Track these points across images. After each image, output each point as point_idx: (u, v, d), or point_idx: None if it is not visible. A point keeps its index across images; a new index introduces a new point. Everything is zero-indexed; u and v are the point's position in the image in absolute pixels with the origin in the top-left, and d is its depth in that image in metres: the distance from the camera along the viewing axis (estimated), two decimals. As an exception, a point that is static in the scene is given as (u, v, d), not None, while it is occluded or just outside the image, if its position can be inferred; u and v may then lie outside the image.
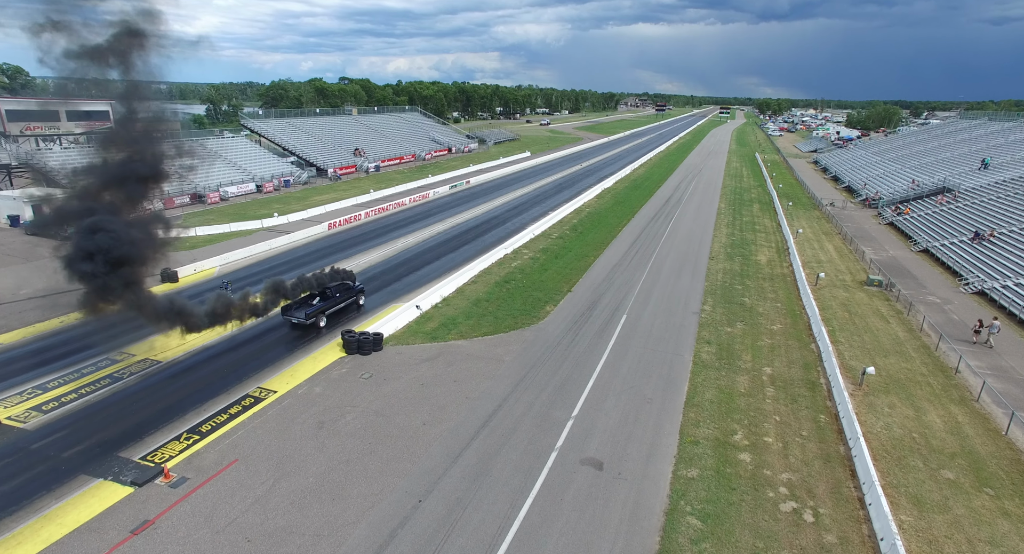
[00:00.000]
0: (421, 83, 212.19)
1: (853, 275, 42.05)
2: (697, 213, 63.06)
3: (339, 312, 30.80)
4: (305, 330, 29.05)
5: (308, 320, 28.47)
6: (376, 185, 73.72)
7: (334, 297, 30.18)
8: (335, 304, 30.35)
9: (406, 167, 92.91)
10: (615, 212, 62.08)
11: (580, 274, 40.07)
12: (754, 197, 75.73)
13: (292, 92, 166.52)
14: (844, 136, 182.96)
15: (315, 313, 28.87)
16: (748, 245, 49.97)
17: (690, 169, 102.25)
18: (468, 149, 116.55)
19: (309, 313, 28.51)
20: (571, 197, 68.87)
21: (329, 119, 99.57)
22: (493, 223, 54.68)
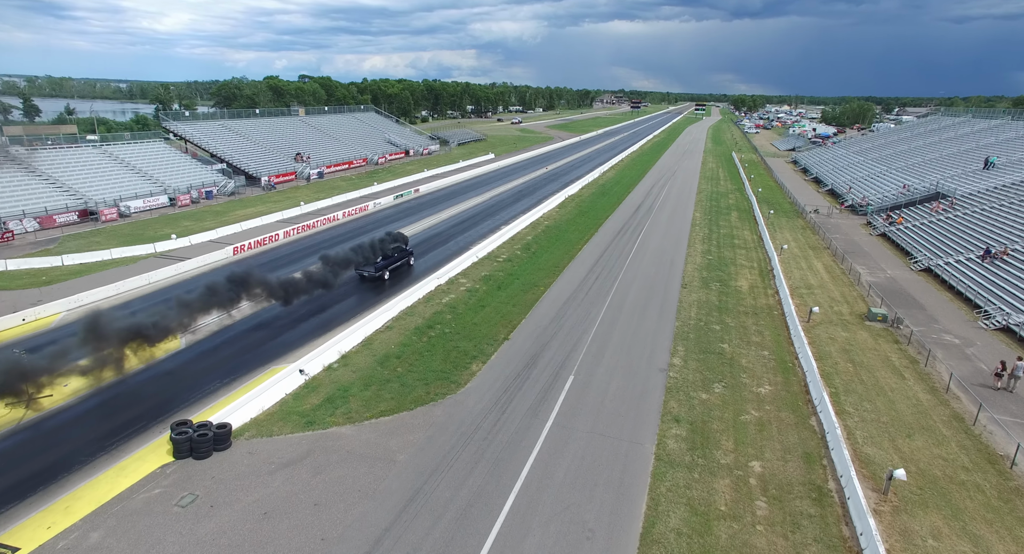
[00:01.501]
0: (387, 81, 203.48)
1: (851, 305, 35.36)
2: (669, 225, 56.19)
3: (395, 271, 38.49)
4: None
5: (377, 273, 36.33)
6: (313, 195, 65.66)
7: (393, 257, 38.08)
8: (394, 262, 38.18)
9: (355, 173, 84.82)
10: (577, 225, 54.91)
11: (524, 312, 32.75)
12: (732, 204, 69.22)
13: (246, 91, 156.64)
14: (821, 133, 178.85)
15: (382, 268, 36.76)
16: (726, 265, 43.13)
17: (664, 171, 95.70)
18: (428, 151, 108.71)
19: (378, 267, 36.44)
20: (530, 207, 61.60)
21: (272, 121, 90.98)
22: (433, 243, 47.14)
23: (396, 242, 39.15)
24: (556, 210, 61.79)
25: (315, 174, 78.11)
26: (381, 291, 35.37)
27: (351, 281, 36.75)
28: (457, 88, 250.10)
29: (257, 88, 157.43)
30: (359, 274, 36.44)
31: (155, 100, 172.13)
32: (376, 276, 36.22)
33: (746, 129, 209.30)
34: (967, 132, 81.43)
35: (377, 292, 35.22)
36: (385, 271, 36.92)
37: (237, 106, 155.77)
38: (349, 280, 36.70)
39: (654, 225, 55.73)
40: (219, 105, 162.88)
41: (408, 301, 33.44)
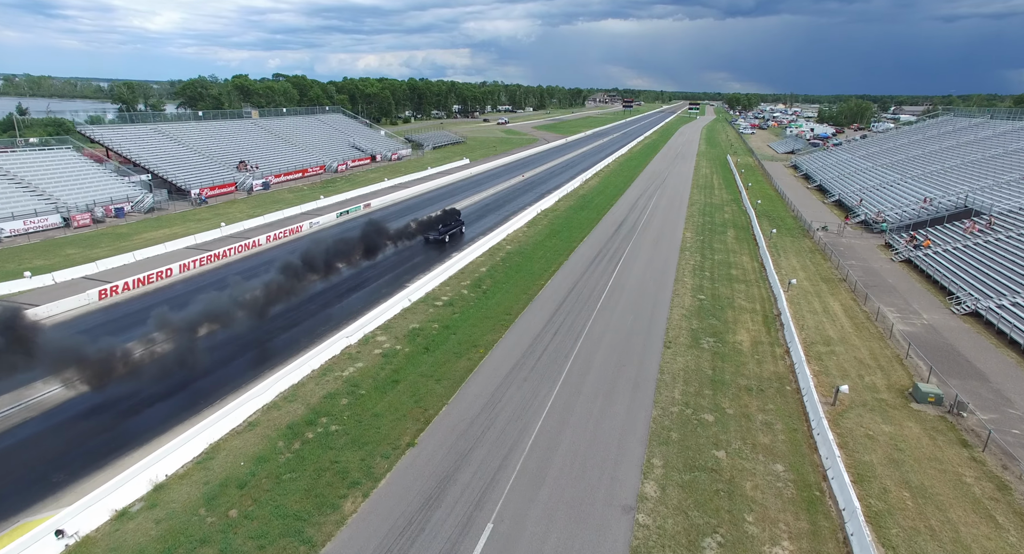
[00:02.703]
0: (366, 80, 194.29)
1: (887, 373, 26.80)
2: (655, 249, 47.56)
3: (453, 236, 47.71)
4: None
5: (440, 236, 46.32)
6: (246, 212, 56.84)
7: (450, 224, 48.19)
8: (452, 229, 47.97)
9: (307, 183, 75.92)
10: (545, 250, 46.23)
11: (450, 391, 24.12)
12: (728, 219, 60.64)
13: (211, 91, 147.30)
14: (820, 134, 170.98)
15: (444, 233, 46.62)
16: (722, 309, 34.53)
17: (653, 178, 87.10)
18: (397, 157, 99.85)
19: (441, 231, 46.59)
20: (495, 225, 52.93)
21: (218, 124, 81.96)
22: (362, 279, 38.36)
23: (452, 216, 49.65)
24: (524, 229, 53.07)
25: (259, 185, 69.21)
26: (262, 363, 26.59)
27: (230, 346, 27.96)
28: (443, 87, 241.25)
29: (223, 88, 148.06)
30: (425, 238, 46.54)
31: (118, 99, 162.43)
32: (439, 239, 46.48)
33: (741, 129, 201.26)
34: (988, 135, 73.12)
35: (256, 365, 26.43)
36: (445, 235, 47.03)
37: (203, 107, 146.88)
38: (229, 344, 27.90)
39: (637, 250, 47.08)
40: (184, 106, 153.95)
41: (295, 375, 24.72)
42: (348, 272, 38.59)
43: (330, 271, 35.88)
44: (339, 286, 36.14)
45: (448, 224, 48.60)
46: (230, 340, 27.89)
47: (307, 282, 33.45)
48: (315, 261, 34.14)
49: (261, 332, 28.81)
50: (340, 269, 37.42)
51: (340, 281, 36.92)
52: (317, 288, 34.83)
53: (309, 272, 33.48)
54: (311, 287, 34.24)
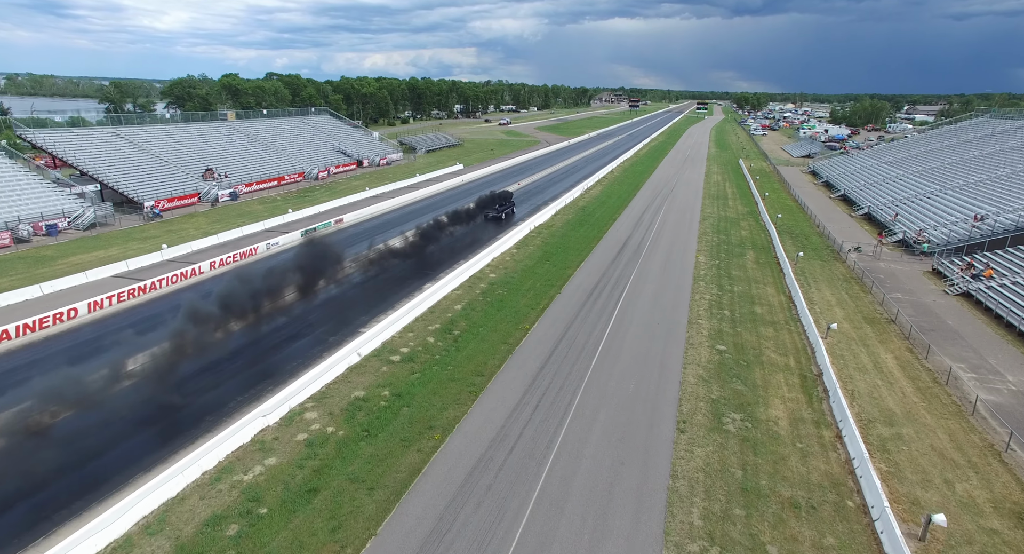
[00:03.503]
0: (363, 79, 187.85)
1: (986, 480, 19.91)
2: (663, 278, 40.67)
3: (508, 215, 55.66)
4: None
5: (500, 214, 54.01)
6: (202, 229, 50.39)
7: (505, 205, 55.67)
8: (507, 208, 55.79)
9: (282, 192, 69.42)
10: (535, 280, 39.45)
11: (379, 516, 17.48)
12: (746, 237, 53.62)
13: (199, 90, 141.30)
14: (835, 136, 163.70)
15: (500, 211, 54.22)
16: (748, 366, 27.66)
17: (660, 186, 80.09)
18: (385, 162, 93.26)
19: (499, 210, 54.16)
20: (480, 246, 46.16)
21: (188, 127, 75.54)
22: (304, 323, 31.63)
23: (506, 197, 56.85)
24: (514, 251, 46.29)
25: (226, 195, 62.72)
26: (123, 470, 19.89)
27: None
28: (443, 86, 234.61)
29: (211, 87, 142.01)
30: (485, 215, 53.22)
31: (105, 99, 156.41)
32: (497, 216, 53.51)
33: (752, 131, 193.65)
34: (1034, 140, 65.73)
35: (112, 475, 19.74)
36: (502, 213, 54.16)
37: (191, 107, 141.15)
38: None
39: (642, 279, 40.20)
40: (172, 106, 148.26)
41: (172, 486, 18.03)
42: (290, 312, 31.86)
43: (260, 315, 29.20)
44: (271, 336, 29.38)
45: (503, 204, 56.06)
46: (94, 429, 21.16)
47: (224, 332, 26.79)
48: (238, 303, 27.50)
49: (140, 415, 22.00)
50: (277, 310, 30.75)
51: (275, 328, 30.16)
52: (239, 340, 28.08)
53: (228, 318, 26.84)
54: (230, 339, 27.50)
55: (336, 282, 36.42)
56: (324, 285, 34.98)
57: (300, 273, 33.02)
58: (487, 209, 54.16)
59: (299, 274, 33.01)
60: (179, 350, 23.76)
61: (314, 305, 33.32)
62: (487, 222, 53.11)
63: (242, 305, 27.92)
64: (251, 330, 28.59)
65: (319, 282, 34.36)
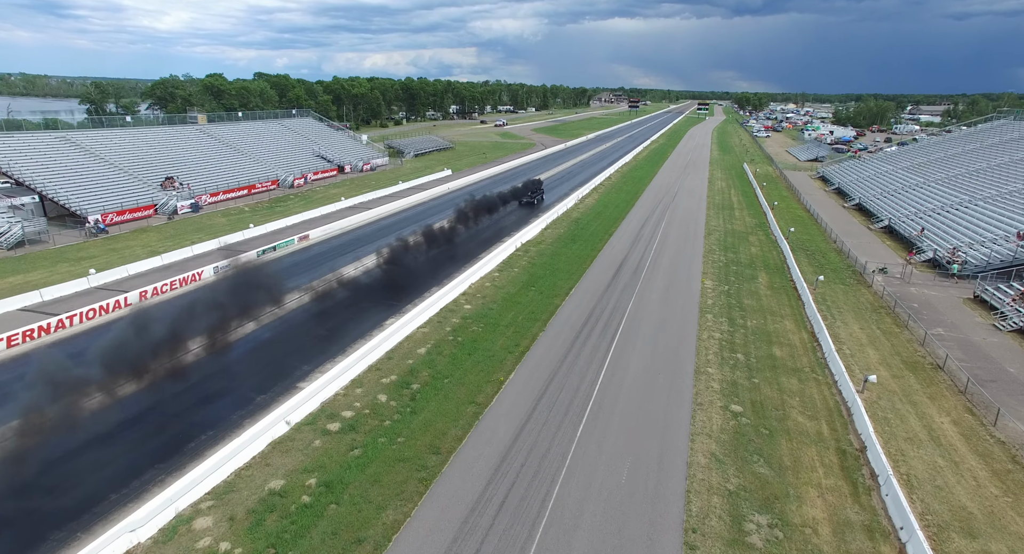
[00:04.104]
0: (355, 80, 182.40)
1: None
2: (664, 310, 35.23)
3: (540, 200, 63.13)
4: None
5: (532, 199, 62.11)
6: (152, 246, 45.06)
7: (536, 192, 63.68)
8: (538, 195, 63.58)
9: (252, 201, 64.02)
10: (516, 313, 34.03)
11: None
12: (756, 255, 48.17)
13: (180, 91, 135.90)
14: (842, 137, 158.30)
15: (533, 197, 62.38)
16: (772, 436, 22.25)
17: (661, 195, 74.65)
18: (369, 166, 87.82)
19: (531, 196, 62.25)
20: (459, 268, 40.75)
21: (154, 131, 70.09)
22: (236, 375, 26.16)
23: (537, 185, 65.81)
24: (496, 274, 40.86)
25: (186, 206, 57.31)
26: None
27: None
28: (439, 86, 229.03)
29: (192, 88, 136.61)
30: (520, 202, 61.81)
31: (85, 99, 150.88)
32: (530, 202, 62.07)
33: (755, 132, 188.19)
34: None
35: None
36: (534, 199, 62.86)
37: (173, 109, 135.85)
38: None
39: (640, 312, 34.74)
40: (154, 107, 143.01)
41: None
42: (214, 363, 26.43)
43: (170, 368, 23.79)
44: (181, 398, 23.89)
45: (535, 192, 64.47)
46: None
47: (111, 397, 21.39)
48: (135, 353, 22.12)
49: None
50: (195, 361, 25.35)
51: (189, 386, 24.70)
52: (134, 407, 22.62)
53: (120, 376, 21.46)
54: (122, 405, 22.06)
55: (278, 320, 31.00)
56: (260, 325, 29.54)
57: (229, 310, 27.62)
58: (522, 196, 62.83)
59: (229, 311, 27.61)
60: (40, 426, 18.39)
61: (245, 352, 27.86)
62: (521, 207, 61.78)
63: (142, 355, 22.50)
64: (155, 390, 23.13)
65: (254, 320, 28.96)
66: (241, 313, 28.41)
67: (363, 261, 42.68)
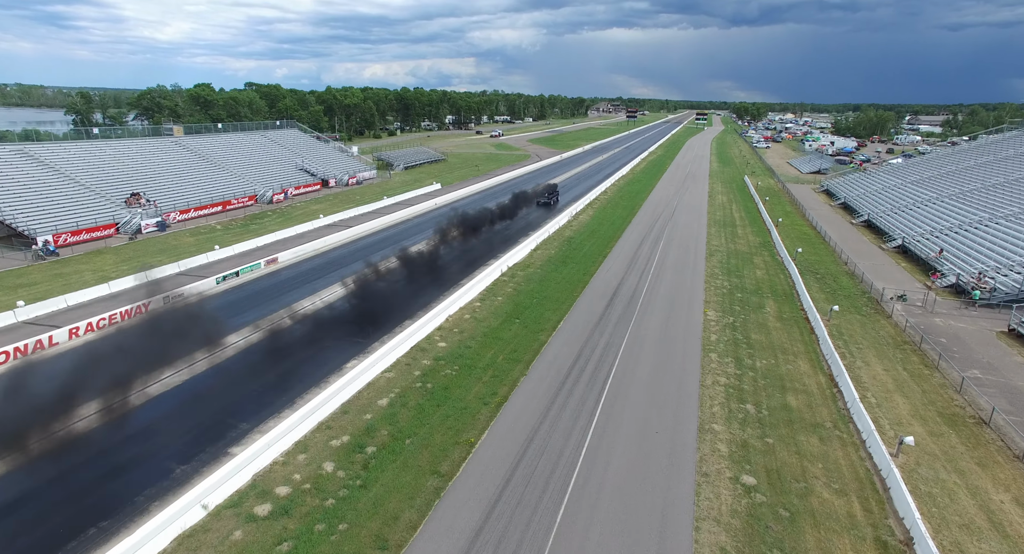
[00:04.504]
0: (348, 89, 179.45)
1: None
2: (662, 348, 31.39)
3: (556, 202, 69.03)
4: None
5: (549, 200, 68.47)
6: (103, 272, 41.31)
7: (553, 195, 70.44)
8: (554, 196, 70.13)
9: (226, 219, 60.28)
10: (496, 351, 30.20)
11: None
12: (762, 280, 44.39)
13: (167, 102, 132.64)
14: (843, 148, 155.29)
15: (550, 198, 68.88)
16: (792, 518, 18.46)
17: (659, 210, 71.04)
18: (355, 180, 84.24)
19: (548, 198, 68.69)
20: (436, 298, 36.93)
21: (123, 144, 66.44)
22: (157, 435, 22.21)
23: (553, 189, 72.70)
24: (477, 305, 37.02)
25: (151, 225, 53.56)
26: None
27: None
28: (434, 96, 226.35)
29: (179, 99, 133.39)
30: (537, 202, 68.25)
31: (71, 109, 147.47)
32: (547, 203, 68.41)
33: (754, 143, 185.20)
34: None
35: None
36: (550, 200, 69.24)
37: (159, 120, 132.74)
38: None
39: (635, 351, 30.90)
40: (140, 117, 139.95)
41: None
42: (134, 420, 22.50)
43: (73, 435, 19.90)
44: (86, 468, 19.95)
45: (551, 194, 70.50)
46: None
47: None
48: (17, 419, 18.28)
49: None
50: (113, 417, 21.45)
51: (101, 451, 20.75)
52: (11, 488, 18.70)
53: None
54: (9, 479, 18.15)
55: (224, 363, 27.10)
56: (196, 372, 25.64)
57: (157, 355, 23.76)
58: (539, 198, 69.56)
59: (156, 356, 23.75)
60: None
61: (175, 407, 23.92)
62: (538, 207, 67.45)
63: (29, 420, 18.61)
64: (46, 465, 19.19)
65: (188, 365, 25.09)
66: (172, 357, 24.53)
67: (332, 289, 38.83)
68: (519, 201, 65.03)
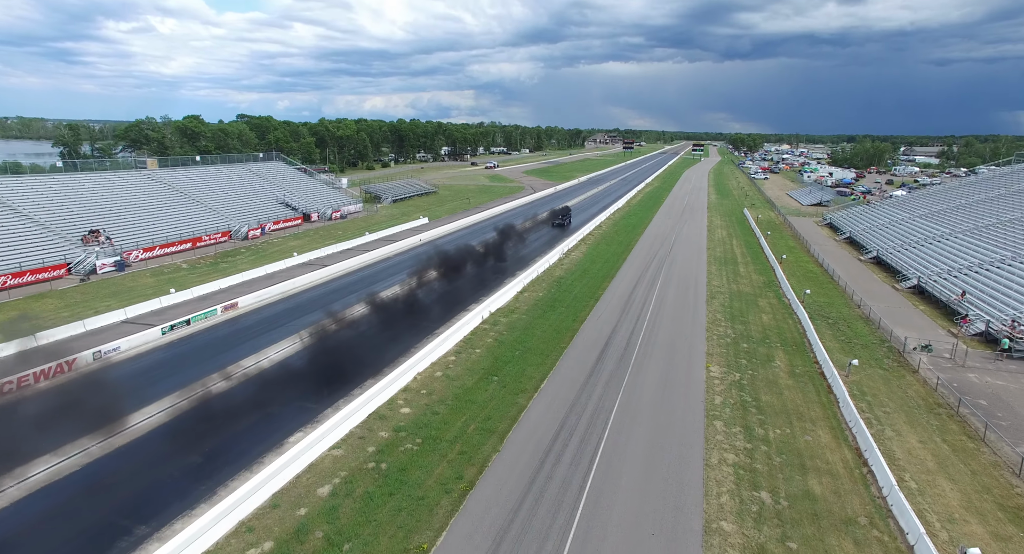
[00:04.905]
0: (342, 121, 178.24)
1: None
2: (659, 416, 27.20)
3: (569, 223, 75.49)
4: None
5: (563, 222, 75.24)
6: (44, 318, 36.98)
7: (567, 217, 77.05)
8: (567, 218, 76.69)
9: (195, 257, 56.47)
10: (466, 421, 26.01)
11: None
12: (769, 327, 40.34)
13: (155, 134, 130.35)
14: (842, 179, 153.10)
15: (563, 220, 75.69)
16: None
17: (656, 246, 67.40)
18: (339, 214, 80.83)
19: (563, 219, 75.79)
20: (404, 353, 32.74)
21: (91, 178, 63.13)
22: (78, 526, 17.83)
23: (566, 211, 79.38)
24: (451, 359, 32.84)
25: (109, 265, 49.64)
26: None
27: None
28: (429, 128, 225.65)
29: (163, 131, 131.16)
30: (552, 224, 75.74)
31: (59, 141, 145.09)
32: (561, 223, 75.22)
33: (752, 174, 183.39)
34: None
35: None
36: (564, 221, 76.19)
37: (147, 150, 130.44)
38: None
39: (627, 421, 26.67)
40: (128, 150, 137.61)
41: None
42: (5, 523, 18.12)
43: None
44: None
45: (565, 216, 77.06)
46: None
47: None
48: None
49: None
50: None
51: None
52: None
53: None
54: None
55: (138, 440, 22.81)
56: (92, 458, 21.34)
57: (32, 436, 19.55)
58: (554, 219, 77.17)
59: (30, 437, 19.54)
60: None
61: (59, 505, 19.54)
62: (553, 228, 74.70)
63: None
64: None
65: (81, 448, 20.84)
66: (64, 437, 20.30)
67: (289, 341, 34.67)
68: (507, 237, 61.47)
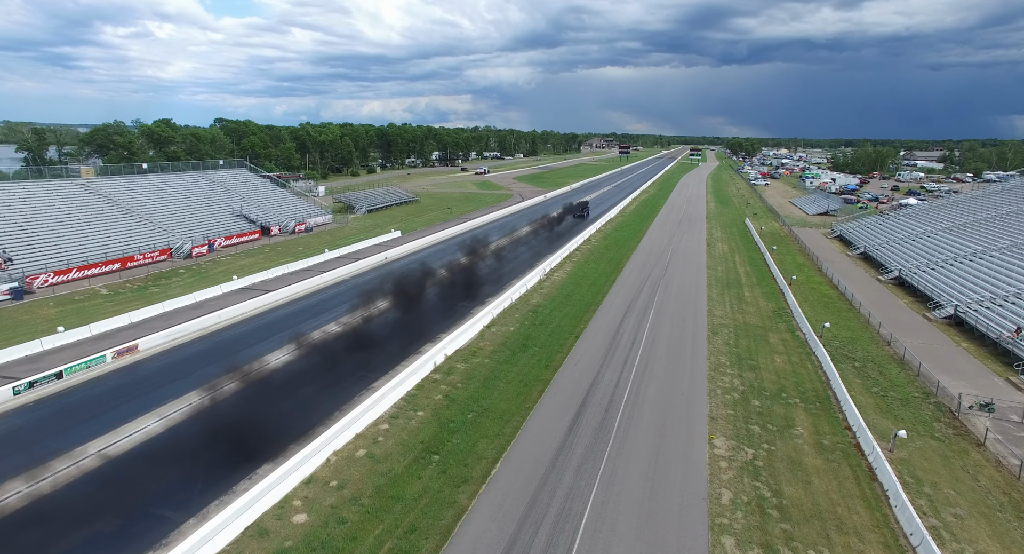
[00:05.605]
0: (325, 126, 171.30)
1: None
2: (645, 530, 19.84)
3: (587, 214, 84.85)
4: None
5: (583, 214, 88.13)
6: None
7: (585, 210, 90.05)
8: (585, 210, 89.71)
9: (120, 280, 49.13)
10: (384, 530, 18.61)
11: None
12: (785, 375, 33.05)
13: (120, 139, 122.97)
14: (846, 186, 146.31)
15: (582, 212, 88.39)
16: None
17: (650, 265, 60.17)
18: (303, 227, 73.52)
19: (582, 212, 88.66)
20: (321, 422, 25.48)
21: (8, 188, 55.67)
22: None
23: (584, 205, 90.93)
24: (384, 427, 25.55)
25: (4, 292, 42.20)
26: None
27: None
28: (418, 132, 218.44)
29: (132, 136, 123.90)
30: (572, 215, 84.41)
31: (22, 146, 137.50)
32: (581, 215, 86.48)
33: (752, 179, 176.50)
34: None
35: None
36: (583, 213, 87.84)
37: (114, 157, 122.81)
38: None
39: (603, 528, 19.36)
40: (93, 155, 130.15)
41: None
42: None
43: None
44: None
45: (583, 209, 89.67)
46: None
47: None
48: None
49: None
50: None
51: None
52: None
53: None
54: None
55: None
56: None
57: None
58: (574, 212, 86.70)
59: None
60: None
61: None
62: (574, 219, 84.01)
63: None
64: None
65: None
66: None
67: (177, 404, 27.28)
68: (483, 254, 54.36)
